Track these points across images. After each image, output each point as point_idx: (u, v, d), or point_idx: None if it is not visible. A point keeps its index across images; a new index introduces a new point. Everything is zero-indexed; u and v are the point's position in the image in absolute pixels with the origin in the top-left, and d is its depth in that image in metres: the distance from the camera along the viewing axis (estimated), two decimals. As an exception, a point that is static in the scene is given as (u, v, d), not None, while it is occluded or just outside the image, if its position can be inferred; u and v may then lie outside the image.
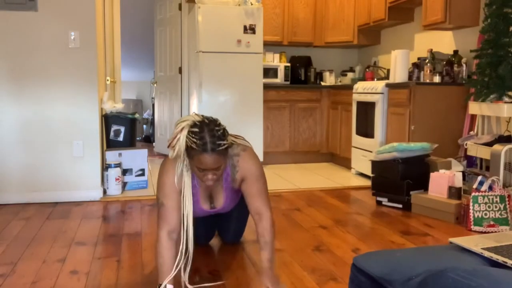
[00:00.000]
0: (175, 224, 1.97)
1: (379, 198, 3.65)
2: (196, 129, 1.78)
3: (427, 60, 4.25)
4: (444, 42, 4.52)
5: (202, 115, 1.87)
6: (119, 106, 4.19)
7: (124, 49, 7.10)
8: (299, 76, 5.93)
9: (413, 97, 3.95)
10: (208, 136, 1.77)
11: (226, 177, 2.11)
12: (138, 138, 6.95)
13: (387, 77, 5.05)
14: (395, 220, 3.22)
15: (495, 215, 2.94)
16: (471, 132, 3.92)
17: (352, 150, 4.96)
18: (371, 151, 4.43)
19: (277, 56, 5.76)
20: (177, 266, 1.94)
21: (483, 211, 2.95)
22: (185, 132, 1.79)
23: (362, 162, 4.73)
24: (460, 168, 3.67)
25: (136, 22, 7.18)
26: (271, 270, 1.96)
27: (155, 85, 6.53)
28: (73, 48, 3.64)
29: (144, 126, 8.08)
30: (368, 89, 4.60)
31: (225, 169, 2.05)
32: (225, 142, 1.81)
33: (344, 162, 5.27)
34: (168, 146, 1.86)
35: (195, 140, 1.77)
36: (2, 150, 3.60)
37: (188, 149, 1.81)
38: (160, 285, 1.90)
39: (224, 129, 1.85)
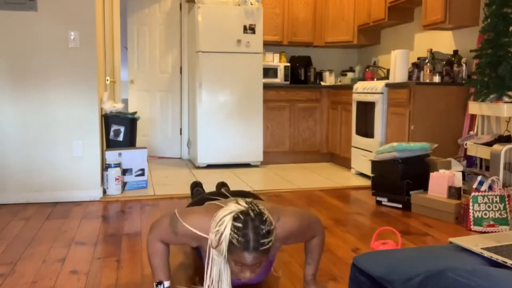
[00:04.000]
0: (170, 245, 1.96)
1: (379, 198, 3.65)
2: (239, 224, 1.64)
3: (427, 60, 4.25)
4: (444, 42, 4.52)
5: (247, 203, 1.71)
6: (119, 106, 4.19)
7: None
8: (299, 76, 5.93)
9: (413, 97, 3.95)
10: (252, 233, 1.62)
11: None
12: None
13: (387, 77, 5.05)
14: (395, 220, 3.22)
15: (495, 215, 2.94)
16: (471, 132, 3.92)
17: (352, 150, 4.96)
18: (371, 151, 4.43)
19: (277, 56, 5.76)
20: None
21: (483, 211, 2.95)
22: (229, 227, 1.65)
23: (362, 162, 4.73)
24: (460, 168, 3.67)
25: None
26: (315, 282, 2.03)
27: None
28: (73, 48, 3.64)
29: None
30: (368, 89, 4.60)
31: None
32: (269, 239, 1.65)
33: (344, 162, 5.28)
34: (214, 247, 1.69)
35: (237, 236, 1.62)
36: (2, 150, 3.60)
37: (229, 243, 1.66)
38: (159, 282, 1.90)
39: (271, 229, 1.67)
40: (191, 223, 1.81)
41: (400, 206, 3.51)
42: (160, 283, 1.90)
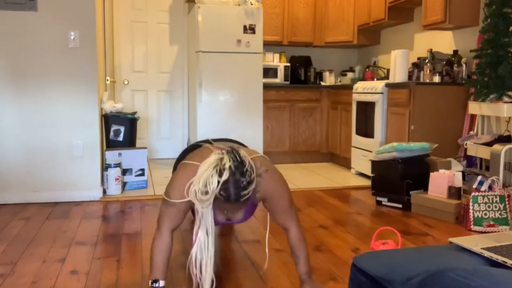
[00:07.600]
0: (179, 224, 2.00)
1: (379, 198, 3.65)
2: (220, 179, 1.73)
3: (427, 60, 4.25)
4: (444, 42, 4.52)
5: (224, 151, 1.79)
6: (119, 106, 4.19)
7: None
8: (299, 76, 5.94)
9: (413, 97, 3.95)
10: (233, 187, 1.73)
11: None
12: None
13: (387, 77, 5.05)
14: (395, 220, 3.22)
15: (495, 215, 2.94)
16: (471, 132, 3.92)
17: (352, 150, 4.96)
18: (371, 151, 4.43)
19: (277, 56, 5.76)
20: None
21: (483, 211, 2.95)
22: (215, 181, 1.72)
23: (362, 162, 4.73)
24: (460, 168, 3.67)
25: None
26: (310, 280, 2.00)
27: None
28: (73, 48, 3.64)
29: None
30: (368, 89, 4.60)
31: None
32: (249, 191, 1.77)
33: (344, 162, 5.27)
34: (198, 200, 1.78)
35: (218, 190, 1.73)
36: (2, 150, 3.60)
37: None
38: (154, 280, 1.89)
39: (251, 179, 1.77)
40: (179, 184, 1.91)
41: (400, 206, 3.51)
42: (156, 281, 1.89)
